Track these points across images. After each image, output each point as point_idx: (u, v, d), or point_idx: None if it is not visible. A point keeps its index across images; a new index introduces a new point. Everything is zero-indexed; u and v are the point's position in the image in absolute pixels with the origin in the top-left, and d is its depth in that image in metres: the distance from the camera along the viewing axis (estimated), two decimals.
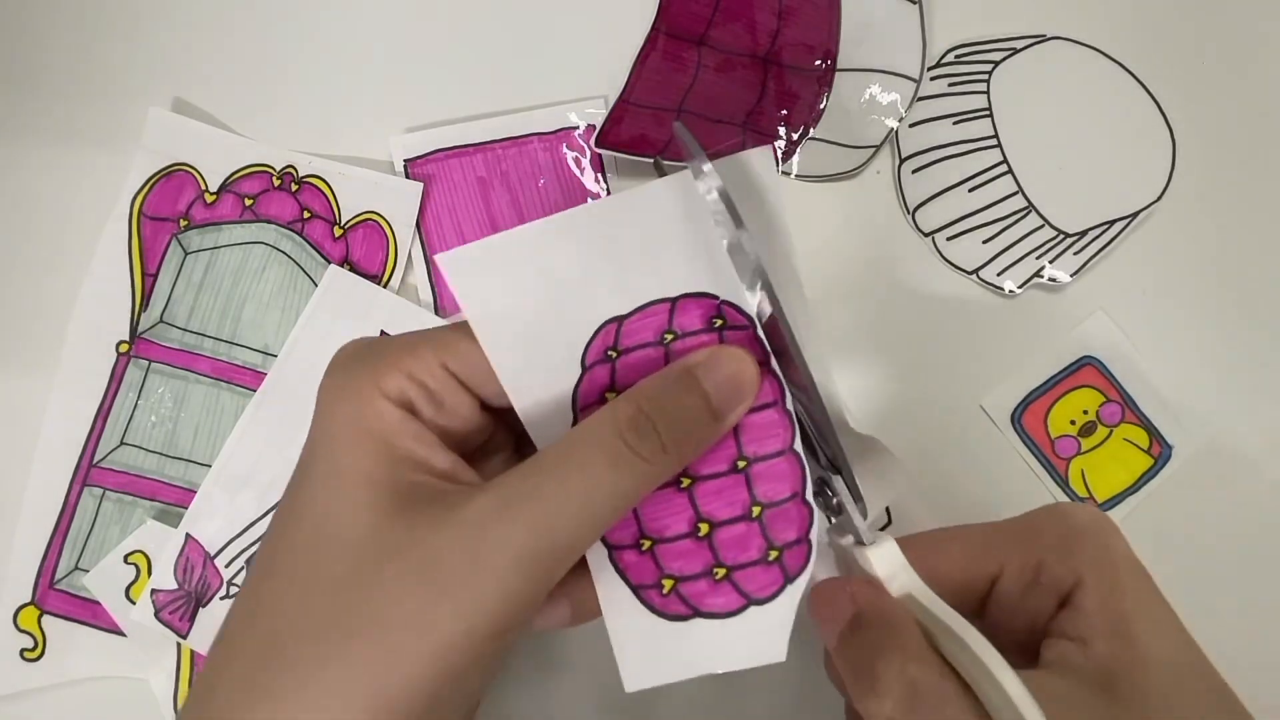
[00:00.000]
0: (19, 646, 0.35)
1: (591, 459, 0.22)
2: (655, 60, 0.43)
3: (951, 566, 0.27)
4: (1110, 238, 0.42)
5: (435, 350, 0.24)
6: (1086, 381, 0.41)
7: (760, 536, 0.24)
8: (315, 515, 0.23)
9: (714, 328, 0.24)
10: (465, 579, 0.21)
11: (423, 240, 0.40)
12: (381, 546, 0.22)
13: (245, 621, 0.23)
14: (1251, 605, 0.38)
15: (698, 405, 0.23)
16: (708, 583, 0.24)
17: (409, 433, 0.23)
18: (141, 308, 0.38)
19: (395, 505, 0.22)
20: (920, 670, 0.23)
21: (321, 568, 0.22)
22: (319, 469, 0.23)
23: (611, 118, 0.42)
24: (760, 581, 0.24)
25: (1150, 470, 0.40)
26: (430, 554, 0.21)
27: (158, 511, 0.37)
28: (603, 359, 0.24)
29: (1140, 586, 0.26)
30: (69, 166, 0.40)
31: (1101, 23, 0.45)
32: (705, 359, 0.23)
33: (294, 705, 0.21)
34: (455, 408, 0.24)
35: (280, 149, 0.40)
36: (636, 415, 0.22)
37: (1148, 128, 0.44)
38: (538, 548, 0.21)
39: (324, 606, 0.22)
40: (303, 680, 0.21)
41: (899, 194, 0.43)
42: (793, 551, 0.25)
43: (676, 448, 0.23)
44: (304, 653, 0.21)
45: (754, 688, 0.37)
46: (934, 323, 0.42)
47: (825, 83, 0.43)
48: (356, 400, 0.23)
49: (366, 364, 0.24)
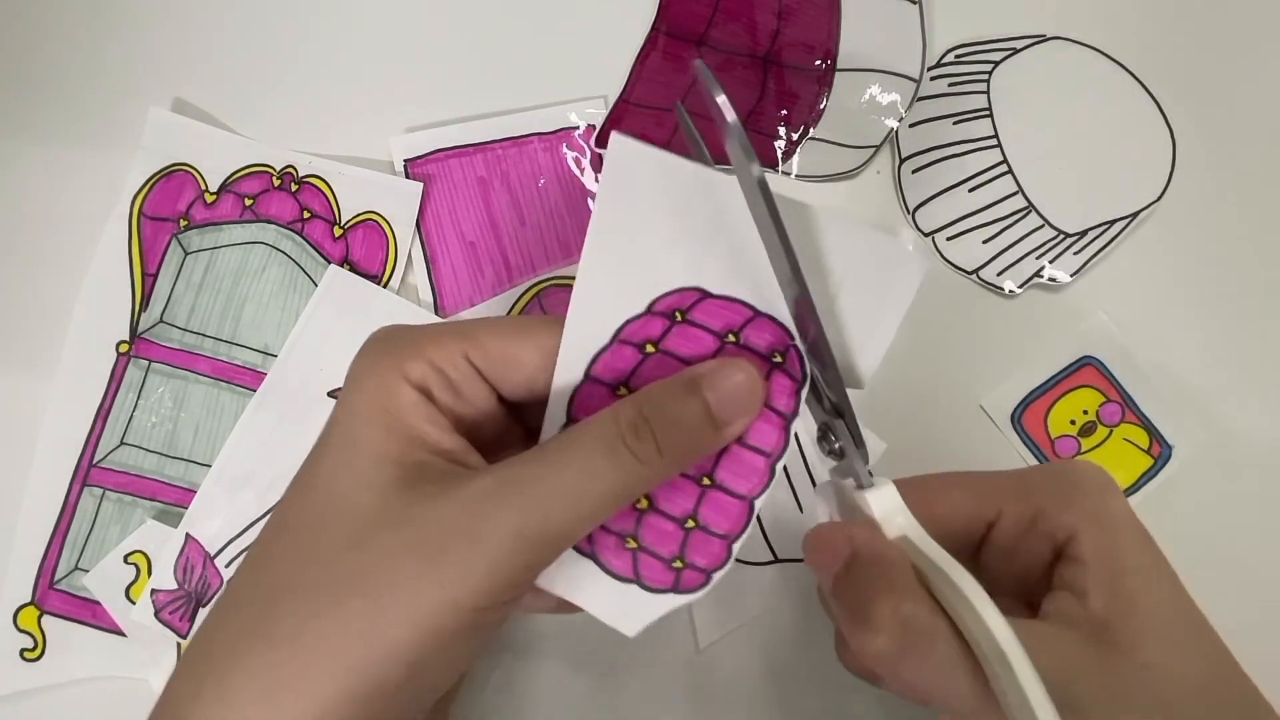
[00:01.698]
0: (19, 646, 0.35)
1: (590, 454, 0.23)
2: (655, 60, 0.43)
3: (951, 510, 0.28)
4: (1110, 238, 0.42)
5: (459, 341, 0.25)
6: (1086, 381, 0.41)
7: (678, 544, 0.25)
8: (326, 483, 0.24)
9: (773, 361, 0.25)
10: (454, 552, 0.22)
11: (423, 240, 0.40)
12: (382, 517, 0.23)
13: (250, 576, 0.24)
14: (1251, 605, 0.38)
15: (697, 414, 0.24)
16: (617, 542, 0.25)
17: (423, 415, 0.24)
18: (141, 308, 0.38)
19: (402, 481, 0.23)
20: (913, 607, 0.24)
21: (325, 532, 0.23)
22: (336, 441, 0.25)
23: (611, 118, 0.42)
24: (655, 574, 0.26)
25: (1150, 470, 0.40)
26: (425, 526, 0.23)
27: (158, 511, 0.37)
28: (667, 315, 0.25)
29: (1136, 540, 0.27)
30: (69, 166, 0.40)
31: (1101, 23, 0.45)
32: (711, 369, 0.24)
33: (286, 652, 0.22)
34: (472, 397, 0.25)
35: (280, 149, 0.40)
36: (636, 418, 0.23)
37: (1148, 128, 0.44)
38: (527, 531, 0.22)
39: (323, 567, 0.23)
40: (297, 630, 0.22)
41: (899, 194, 0.43)
42: (692, 574, 0.25)
43: (672, 453, 0.23)
44: (300, 606, 0.23)
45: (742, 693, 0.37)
46: (934, 323, 0.42)
47: (825, 83, 0.43)
48: (379, 380, 0.24)
49: (393, 348, 0.25)
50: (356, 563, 0.23)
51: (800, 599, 0.38)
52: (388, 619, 0.22)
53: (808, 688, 0.37)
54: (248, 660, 0.22)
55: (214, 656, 0.23)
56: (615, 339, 0.25)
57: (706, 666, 0.37)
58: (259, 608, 0.23)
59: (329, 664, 0.22)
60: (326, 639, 0.22)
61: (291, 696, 0.22)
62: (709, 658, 0.37)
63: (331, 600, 0.22)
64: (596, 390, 0.26)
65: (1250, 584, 0.39)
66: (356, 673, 0.22)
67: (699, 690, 0.37)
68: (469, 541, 0.22)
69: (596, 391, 0.26)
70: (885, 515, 0.26)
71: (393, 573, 0.22)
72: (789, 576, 0.38)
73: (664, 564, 0.25)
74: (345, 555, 0.23)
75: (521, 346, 0.25)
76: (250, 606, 0.23)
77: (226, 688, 0.22)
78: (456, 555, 0.22)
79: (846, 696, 0.37)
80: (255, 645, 0.22)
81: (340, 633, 0.22)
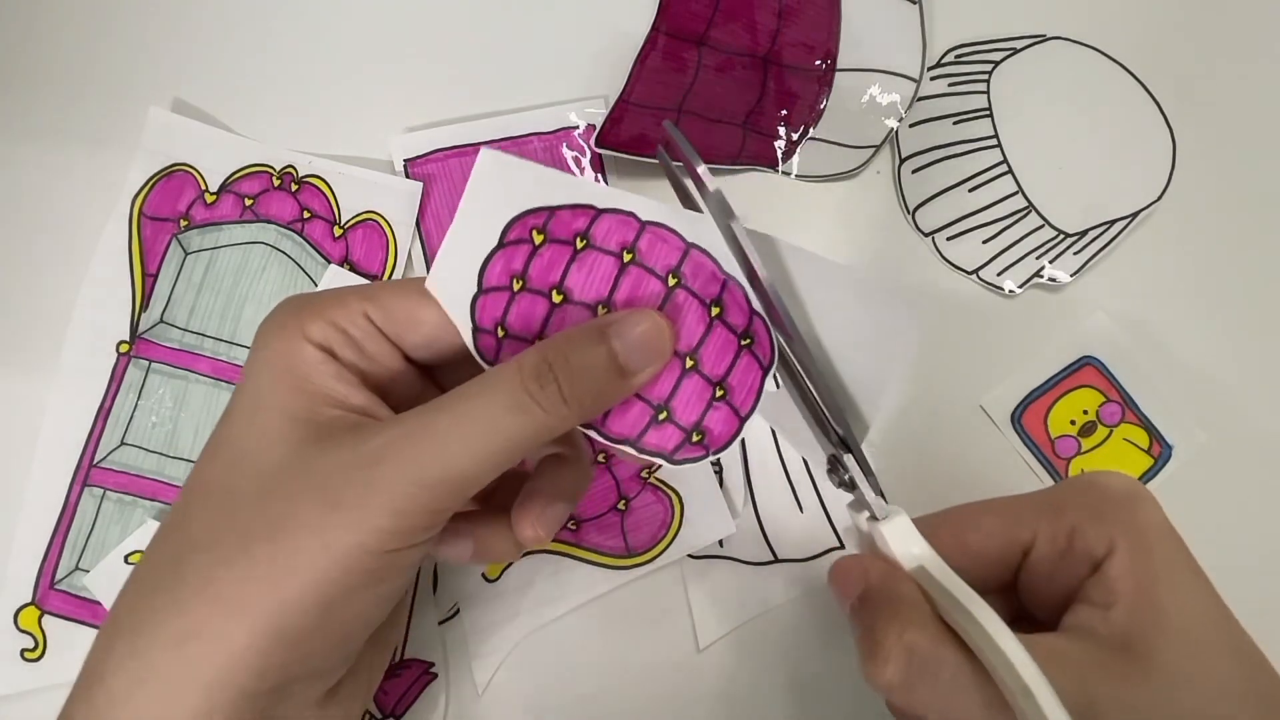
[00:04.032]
0: (19, 647, 0.35)
1: (492, 402, 0.23)
2: (655, 60, 0.43)
3: (985, 539, 0.28)
4: (1110, 238, 0.42)
5: (360, 300, 0.25)
6: (1086, 381, 0.41)
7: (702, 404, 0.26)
8: (234, 444, 0.25)
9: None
10: (359, 496, 0.23)
11: (422, 240, 0.40)
12: (289, 468, 0.24)
13: (163, 536, 0.25)
14: (1252, 605, 0.38)
15: (603, 362, 0.24)
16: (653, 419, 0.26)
17: (328, 372, 0.25)
18: (142, 308, 0.38)
19: (309, 435, 0.24)
20: (918, 637, 0.24)
21: (233, 489, 0.24)
22: (244, 402, 0.25)
23: (611, 118, 0.42)
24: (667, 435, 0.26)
25: (1150, 470, 0.40)
26: (328, 474, 0.23)
27: (158, 511, 0.37)
28: (526, 238, 0.25)
29: (1170, 551, 0.27)
30: (69, 166, 0.40)
31: (1101, 23, 0.45)
32: (616, 319, 0.24)
33: (194, 601, 0.23)
34: (376, 355, 0.26)
35: (280, 149, 0.40)
36: (540, 365, 0.23)
37: (1148, 128, 0.44)
38: (429, 476, 0.23)
39: (230, 519, 0.23)
40: (204, 580, 0.23)
41: (899, 194, 0.43)
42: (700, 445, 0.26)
43: (577, 400, 0.24)
44: (207, 558, 0.23)
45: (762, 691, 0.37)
46: (934, 323, 0.42)
47: (825, 83, 0.43)
48: (282, 342, 0.25)
49: (296, 310, 0.26)
50: (263, 512, 0.23)
51: (800, 599, 0.38)
52: (293, 563, 0.22)
53: (808, 687, 0.37)
54: (158, 614, 0.23)
55: (127, 614, 0.24)
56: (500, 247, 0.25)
57: (706, 666, 0.37)
58: (169, 564, 0.24)
59: (236, 610, 0.22)
60: (232, 586, 0.22)
61: (201, 644, 0.22)
62: (709, 658, 0.37)
63: (238, 549, 0.23)
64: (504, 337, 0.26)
65: (1250, 584, 0.39)
66: (264, 617, 0.22)
67: (699, 690, 0.37)
68: (372, 486, 0.23)
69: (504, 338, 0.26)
70: (899, 547, 0.26)
71: (297, 519, 0.23)
72: (789, 577, 0.38)
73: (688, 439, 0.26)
74: (252, 506, 0.23)
75: (421, 305, 0.26)
76: (161, 565, 0.24)
77: (138, 641, 0.23)
78: (357, 499, 0.23)
79: (846, 696, 0.37)
80: (164, 598, 0.23)
81: (246, 579, 0.22)
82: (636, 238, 0.25)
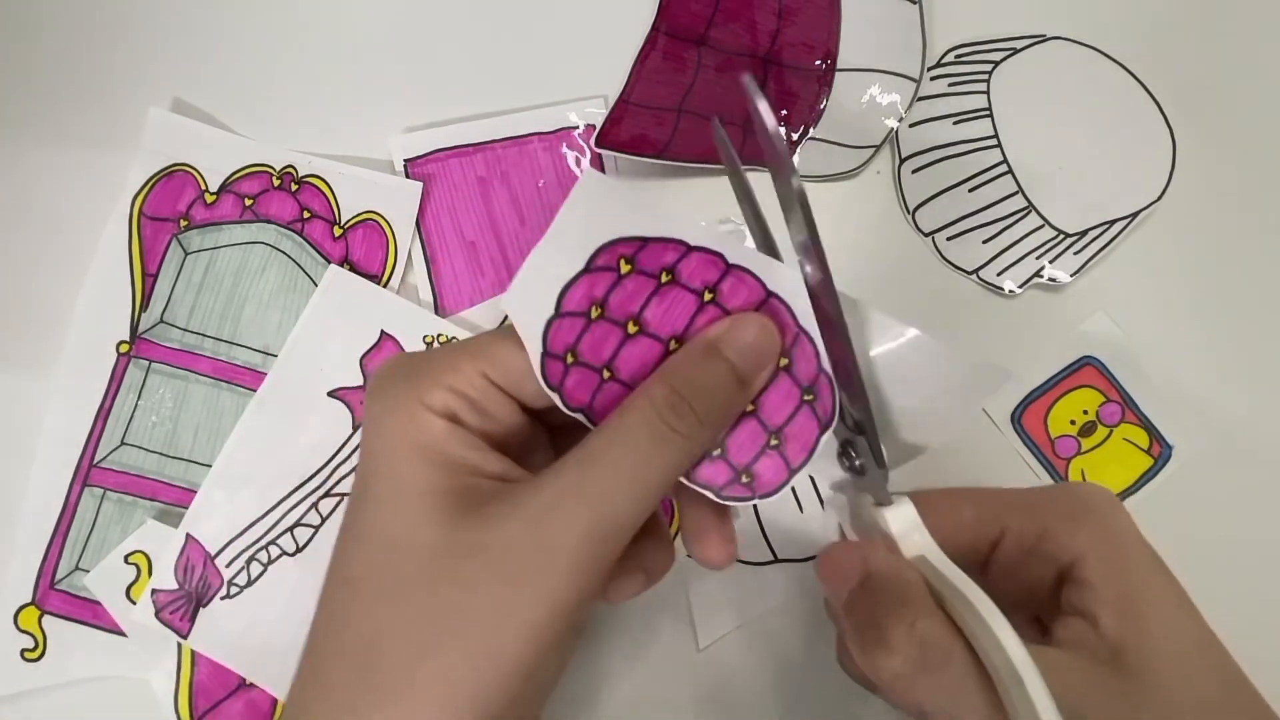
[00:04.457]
0: (20, 647, 0.35)
1: (637, 441, 0.23)
2: (655, 60, 0.43)
3: (957, 526, 0.28)
4: (1110, 238, 0.42)
5: (474, 361, 0.25)
6: (1086, 381, 0.41)
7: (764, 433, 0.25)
8: (382, 529, 0.24)
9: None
10: (538, 566, 0.22)
11: (423, 240, 0.40)
12: (454, 548, 0.23)
13: (332, 635, 0.24)
14: (1251, 605, 0.38)
15: (725, 377, 0.24)
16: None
17: (458, 441, 0.24)
18: (142, 308, 0.38)
19: (459, 509, 0.23)
20: (929, 627, 0.24)
21: (400, 575, 0.23)
22: (378, 486, 0.24)
23: (611, 118, 0.42)
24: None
25: (1150, 470, 0.40)
26: (501, 548, 0.23)
27: (158, 511, 0.37)
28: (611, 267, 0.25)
29: (1146, 563, 0.27)
30: (69, 166, 0.40)
31: (1101, 23, 0.45)
32: (724, 331, 0.24)
33: (400, 702, 0.22)
34: (497, 413, 0.25)
35: (280, 149, 0.40)
36: (671, 395, 0.23)
37: (1148, 128, 0.44)
38: (600, 528, 0.23)
39: (410, 609, 0.23)
40: (405, 678, 0.22)
41: (899, 194, 0.43)
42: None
43: (710, 419, 0.24)
44: (400, 654, 0.22)
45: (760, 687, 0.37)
46: (934, 323, 0.42)
47: (825, 83, 0.43)
48: (403, 416, 0.24)
49: (409, 381, 0.25)
50: (443, 598, 0.22)
51: (800, 599, 0.38)
52: (491, 647, 0.22)
53: (807, 687, 0.37)
54: (357, 715, 0.22)
55: (318, 713, 0.23)
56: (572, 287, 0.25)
57: (706, 666, 0.37)
58: (355, 663, 0.23)
59: (444, 702, 0.22)
60: (436, 679, 0.22)
61: None
62: (709, 658, 0.37)
63: (430, 643, 0.22)
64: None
65: (1250, 584, 0.39)
66: (471, 702, 0.22)
67: (699, 690, 0.37)
68: (548, 553, 0.22)
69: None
70: (903, 534, 0.26)
71: (484, 600, 0.22)
72: (788, 576, 0.38)
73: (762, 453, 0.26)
74: (429, 593, 0.23)
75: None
76: (344, 664, 0.23)
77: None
78: (537, 572, 0.22)
79: (846, 697, 0.37)
80: (365, 699, 0.22)
81: (449, 673, 0.22)
82: (720, 279, 0.25)
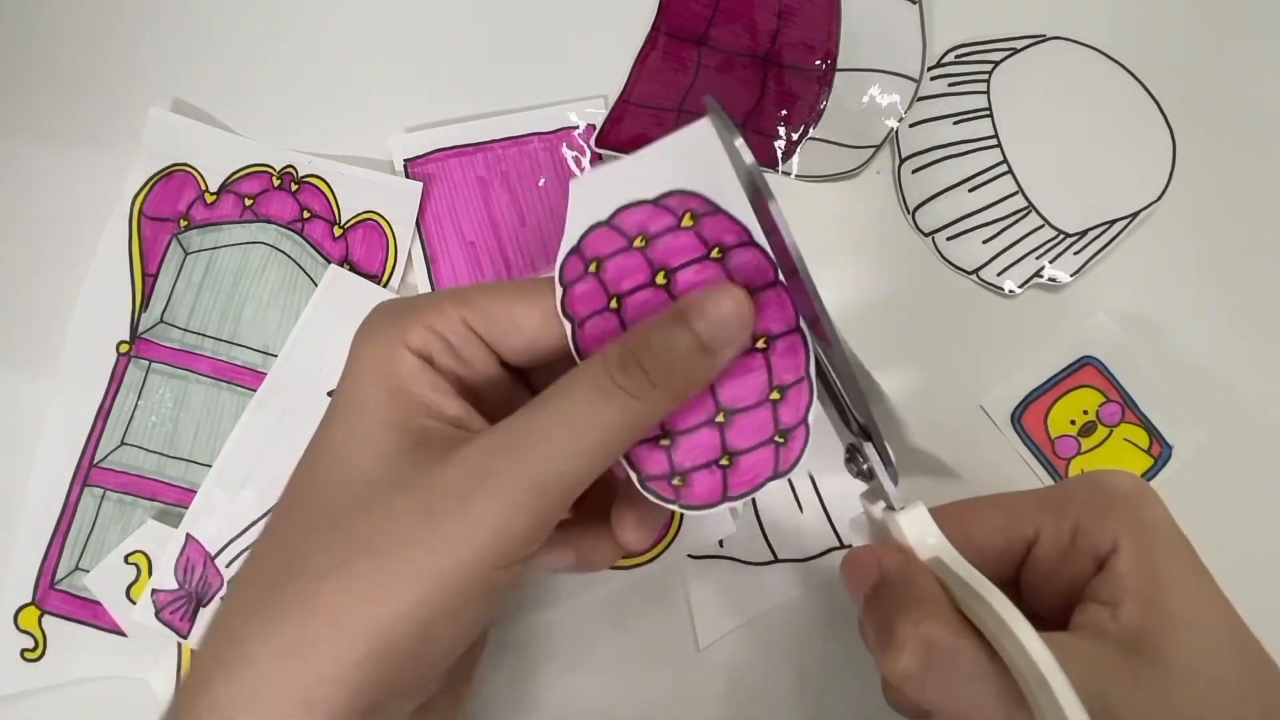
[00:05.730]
0: (19, 646, 0.35)
1: (581, 396, 0.23)
2: (655, 60, 0.43)
3: (988, 533, 0.28)
4: (1110, 238, 0.42)
5: (458, 306, 0.25)
6: (1086, 381, 0.41)
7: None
8: (333, 451, 0.25)
9: (709, 257, 0.25)
10: (460, 510, 0.22)
11: (423, 240, 0.40)
12: (388, 480, 0.23)
13: (262, 547, 0.25)
14: (1251, 606, 0.38)
15: (686, 342, 0.23)
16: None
17: (425, 381, 0.25)
18: (142, 308, 0.38)
19: (406, 446, 0.24)
20: (935, 627, 0.24)
21: (332, 499, 0.24)
22: (341, 410, 0.25)
23: (611, 118, 0.42)
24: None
25: (1150, 470, 0.40)
26: (430, 487, 0.23)
27: (158, 511, 0.37)
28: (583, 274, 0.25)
29: (1175, 550, 0.26)
30: (69, 166, 0.40)
31: (1101, 23, 0.45)
32: (697, 299, 0.24)
33: (296, 617, 0.22)
34: (473, 361, 0.26)
35: (280, 149, 0.40)
36: (622, 352, 0.23)
37: (1148, 128, 0.44)
38: (531, 482, 0.23)
39: (329, 532, 0.23)
40: (306, 595, 0.23)
41: (899, 194, 0.43)
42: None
43: (665, 383, 0.23)
44: (307, 571, 0.23)
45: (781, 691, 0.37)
46: (934, 323, 0.42)
47: (825, 83, 0.43)
48: (380, 349, 0.25)
49: (393, 317, 0.25)
50: (363, 526, 0.23)
51: (800, 599, 0.38)
52: (395, 581, 0.22)
53: (807, 688, 0.37)
54: (261, 627, 0.23)
55: (231, 626, 0.23)
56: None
57: (706, 666, 0.37)
58: (270, 576, 0.23)
59: (338, 627, 0.22)
60: (334, 602, 0.22)
61: (303, 659, 0.22)
62: (709, 658, 0.37)
63: (339, 563, 0.23)
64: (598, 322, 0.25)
65: (1250, 583, 0.39)
66: (366, 635, 0.22)
67: (699, 690, 0.37)
68: (473, 498, 0.22)
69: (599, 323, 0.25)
70: (916, 537, 0.26)
71: (399, 535, 0.22)
72: (788, 577, 0.38)
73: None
74: (351, 519, 0.23)
75: (521, 308, 0.25)
76: (263, 576, 0.24)
77: (242, 651, 0.23)
78: (461, 512, 0.22)
79: (846, 696, 0.37)
80: (266, 612, 0.23)
81: (348, 596, 0.22)
82: (767, 286, 0.25)
